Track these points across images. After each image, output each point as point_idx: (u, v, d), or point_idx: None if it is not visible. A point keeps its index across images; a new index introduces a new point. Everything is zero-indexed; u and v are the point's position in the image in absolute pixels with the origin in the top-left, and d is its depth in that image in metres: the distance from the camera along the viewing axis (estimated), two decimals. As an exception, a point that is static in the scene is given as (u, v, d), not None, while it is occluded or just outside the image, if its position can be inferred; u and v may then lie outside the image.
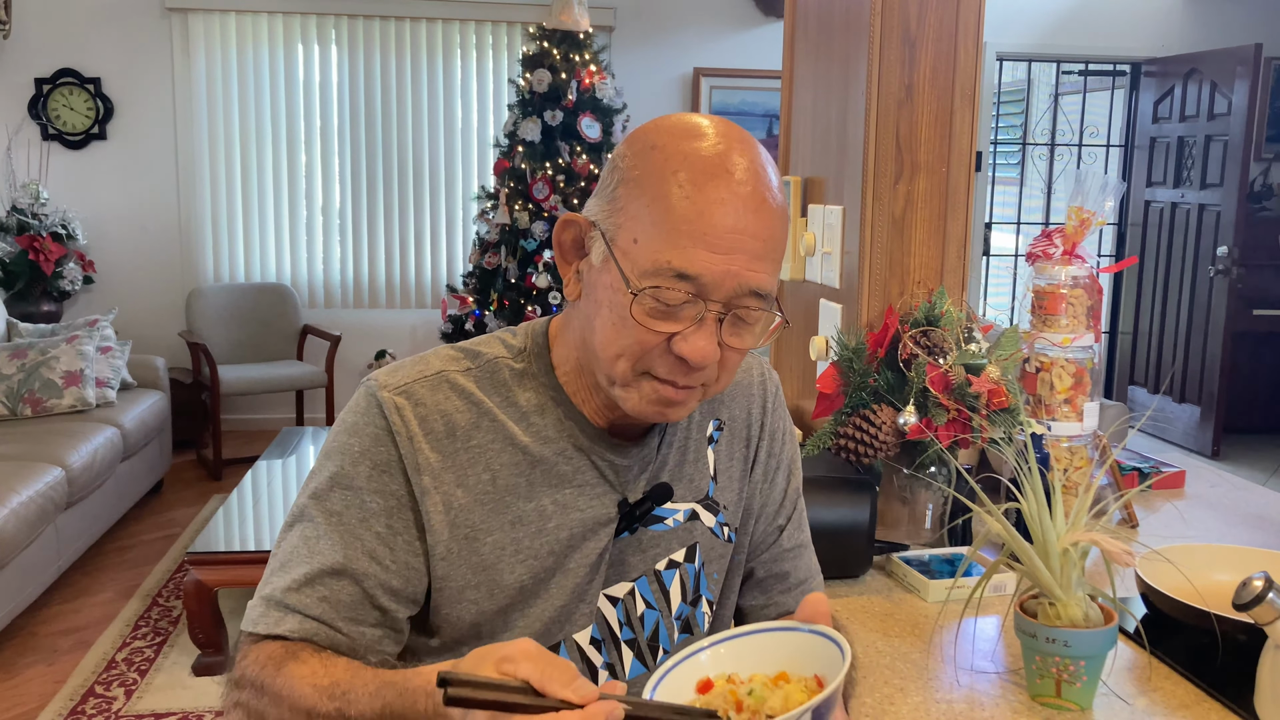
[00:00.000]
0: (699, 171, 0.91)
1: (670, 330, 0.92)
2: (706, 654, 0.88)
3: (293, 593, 0.97)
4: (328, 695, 0.90)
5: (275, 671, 0.93)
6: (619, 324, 0.93)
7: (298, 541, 0.99)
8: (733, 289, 0.92)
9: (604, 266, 0.95)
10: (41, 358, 4.49)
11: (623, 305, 0.92)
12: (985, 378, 1.61)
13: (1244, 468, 5.65)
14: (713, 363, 0.94)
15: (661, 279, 0.90)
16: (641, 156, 0.94)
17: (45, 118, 5.70)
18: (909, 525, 1.70)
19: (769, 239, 0.93)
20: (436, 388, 1.01)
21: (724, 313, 0.93)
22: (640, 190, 0.93)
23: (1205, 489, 2.04)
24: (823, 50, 2.07)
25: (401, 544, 0.99)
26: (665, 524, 1.08)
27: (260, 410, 6.15)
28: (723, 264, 0.90)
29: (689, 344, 0.92)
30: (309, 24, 5.95)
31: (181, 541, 4.43)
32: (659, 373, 0.95)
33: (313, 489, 1.01)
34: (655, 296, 0.91)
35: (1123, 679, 1.25)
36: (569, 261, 1.00)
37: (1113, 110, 6.70)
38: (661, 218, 0.91)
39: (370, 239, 6.17)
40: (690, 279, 0.90)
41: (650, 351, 0.94)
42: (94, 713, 3.07)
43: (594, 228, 0.96)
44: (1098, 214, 1.64)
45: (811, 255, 2.09)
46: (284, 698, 0.92)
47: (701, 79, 6.27)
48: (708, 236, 0.90)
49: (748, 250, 0.91)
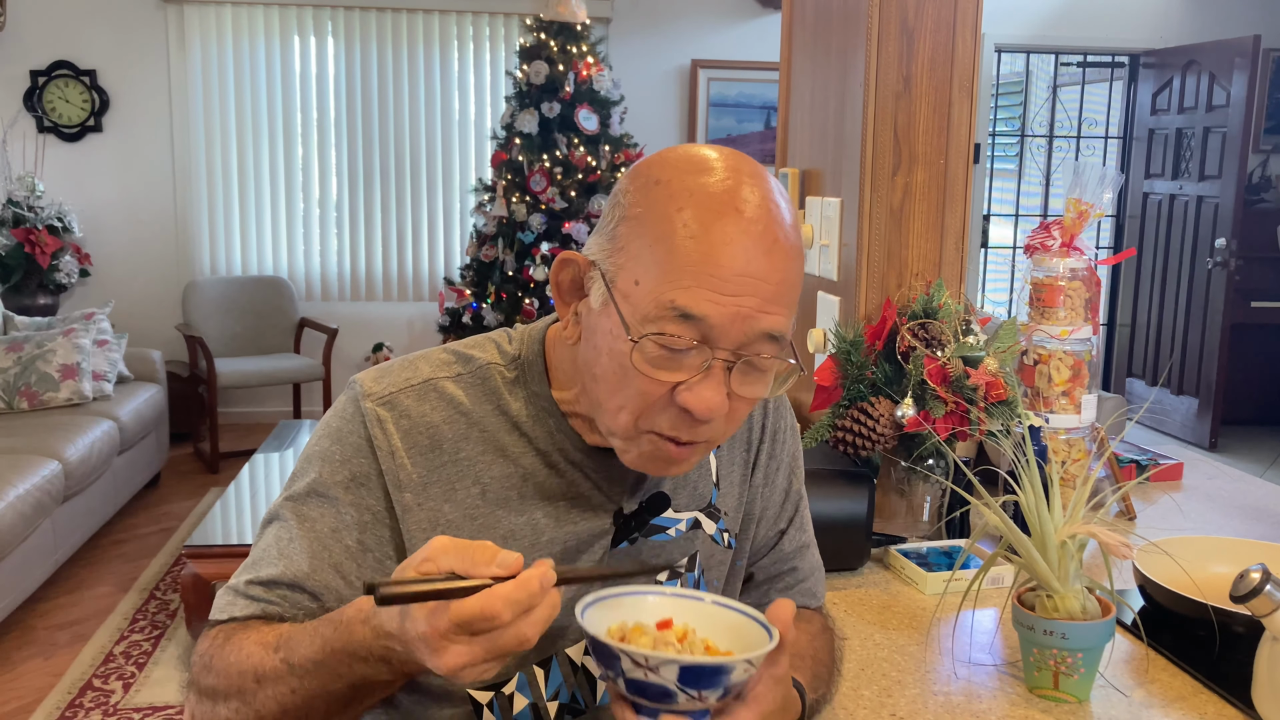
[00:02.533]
0: (705, 209, 0.85)
1: (674, 380, 0.86)
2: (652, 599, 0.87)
3: (257, 586, 0.96)
4: (272, 649, 0.89)
5: (224, 643, 0.92)
6: (619, 374, 0.87)
7: (270, 542, 0.97)
8: (742, 334, 0.85)
9: (604, 310, 0.89)
10: (38, 351, 4.48)
11: (623, 354, 0.86)
12: (983, 370, 1.61)
13: (1241, 460, 5.66)
14: (720, 416, 0.88)
15: (664, 323, 0.84)
16: (644, 193, 0.88)
17: (41, 110, 5.68)
18: (907, 518, 1.70)
19: (782, 281, 0.86)
20: (423, 397, 0.98)
21: (733, 360, 0.86)
22: (643, 229, 0.86)
23: (1203, 481, 2.04)
24: (820, 41, 2.06)
25: (371, 560, 0.96)
26: (668, 534, 1.05)
27: (257, 403, 6.15)
28: (732, 305, 0.84)
29: (694, 395, 0.86)
30: (305, 16, 5.94)
31: (179, 535, 4.43)
32: (662, 428, 0.88)
33: (291, 490, 0.98)
34: (658, 343, 0.85)
35: (1120, 671, 1.25)
36: (567, 302, 0.94)
37: (1111, 102, 6.70)
38: (665, 258, 0.85)
39: (367, 231, 6.16)
40: (695, 320, 0.84)
41: (653, 405, 0.87)
42: (92, 706, 3.07)
43: (593, 267, 0.90)
44: (1096, 206, 1.64)
45: (809, 248, 2.09)
46: (231, 664, 0.90)
47: (699, 71, 6.26)
48: (715, 278, 0.83)
49: (759, 294, 0.85)
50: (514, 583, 0.74)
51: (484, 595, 0.74)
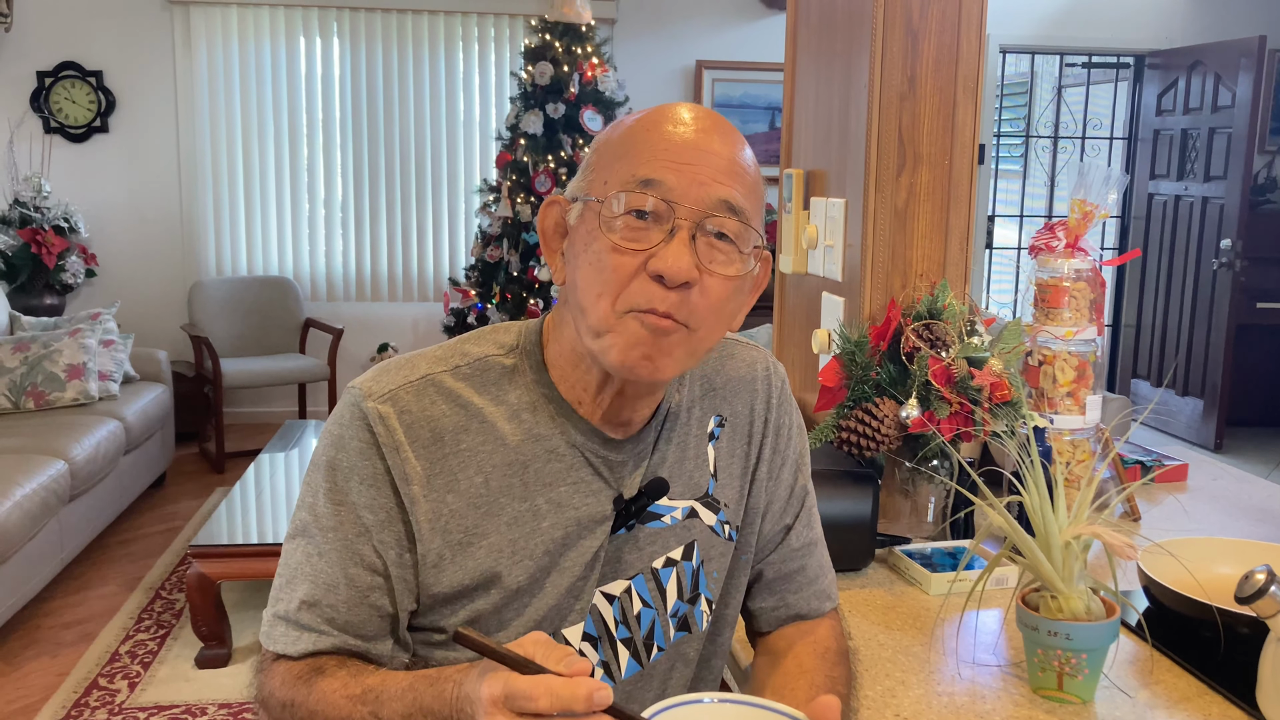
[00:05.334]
0: (659, 112, 0.98)
1: (643, 249, 0.92)
2: (710, 706, 0.88)
3: (303, 610, 0.98)
4: (360, 701, 0.92)
5: (306, 689, 0.95)
6: (595, 266, 0.94)
7: (300, 558, 1.00)
8: (700, 200, 0.93)
9: (580, 220, 0.97)
10: (44, 351, 4.50)
11: (598, 243, 0.93)
12: (988, 371, 1.61)
13: (1246, 461, 5.64)
14: (693, 281, 0.92)
15: (630, 198, 0.92)
16: (610, 129, 1.01)
17: (47, 111, 5.70)
18: (911, 518, 1.70)
19: (734, 159, 0.95)
20: (422, 393, 1.00)
21: (695, 228, 0.92)
22: (607, 146, 0.98)
23: (1208, 482, 2.04)
24: (825, 42, 2.06)
25: (393, 556, 0.98)
26: (663, 521, 1.07)
27: (262, 403, 6.16)
28: (688, 172, 0.93)
29: (661, 258, 0.91)
30: (310, 17, 5.95)
31: (184, 534, 4.44)
32: (638, 303, 0.92)
33: (309, 503, 1.00)
34: (625, 209, 0.92)
35: (1124, 672, 1.25)
36: (554, 249, 1.01)
37: (1116, 103, 6.69)
38: (626, 152, 0.95)
39: (372, 232, 6.17)
40: (655, 185, 0.92)
41: (627, 279, 0.92)
42: (97, 705, 3.07)
43: (573, 201, 0.99)
44: (1101, 207, 1.63)
45: (814, 248, 2.09)
46: (317, 712, 0.94)
47: (704, 71, 6.26)
48: (669, 151, 0.94)
49: (712, 165, 0.94)
50: (564, 679, 0.77)
51: (536, 678, 0.77)
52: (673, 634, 1.09)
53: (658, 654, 1.08)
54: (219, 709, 3.06)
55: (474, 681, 0.82)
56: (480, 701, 0.80)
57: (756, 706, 0.89)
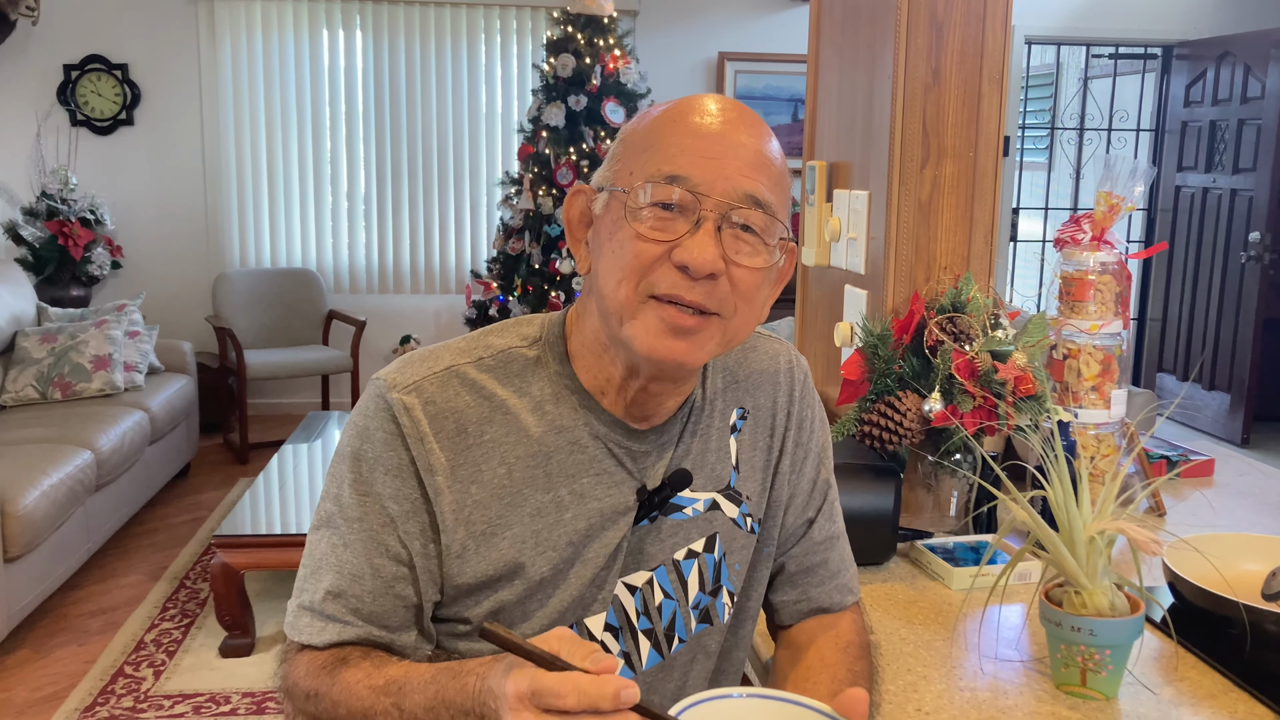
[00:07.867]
0: (685, 103, 0.97)
1: (668, 239, 0.92)
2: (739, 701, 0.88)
3: (329, 601, 0.99)
4: (383, 693, 0.92)
5: (330, 679, 0.96)
6: (619, 253, 0.93)
7: (326, 548, 1.00)
8: (726, 193, 0.92)
9: (605, 209, 0.97)
10: (71, 342, 4.54)
11: (623, 231, 0.93)
12: (1012, 364, 1.60)
13: (1274, 456, 5.59)
14: (718, 273, 0.92)
15: (656, 190, 0.92)
16: (636, 120, 1.00)
17: (74, 104, 5.74)
18: (933, 512, 1.69)
19: (760, 152, 0.95)
20: (446, 384, 1.00)
21: (721, 220, 0.92)
22: (634, 138, 0.98)
23: (1234, 477, 2.02)
24: (848, 33, 2.05)
25: (418, 546, 0.99)
26: (685, 513, 1.07)
27: (286, 394, 6.19)
28: (714, 166, 0.92)
29: (686, 249, 0.91)
30: (334, 9, 5.97)
31: (208, 524, 4.48)
32: (661, 289, 0.92)
33: (335, 494, 1.01)
34: (651, 201, 0.92)
35: (1149, 668, 1.24)
36: (579, 238, 1.01)
37: (1143, 94, 6.62)
38: (652, 144, 0.95)
39: (395, 224, 6.19)
40: (682, 179, 0.92)
41: (651, 266, 0.92)
42: (123, 693, 3.11)
43: (599, 191, 0.99)
44: (1127, 199, 1.62)
45: (837, 241, 2.08)
46: (340, 702, 0.94)
47: (726, 63, 6.25)
48: (696, 144, 0.93)
49: (739, 158, 0.93)
50: (592, 677, 0.76)
51: (563, 675, 0.76)
52: (694, 625, 1.09)
53: (679, 645, 1.08)
54: (243, 697, 3.09)
55: (499, 676, 0.82)
56: (506, 697, 0.79)
57: (785, 701, 0.89)
